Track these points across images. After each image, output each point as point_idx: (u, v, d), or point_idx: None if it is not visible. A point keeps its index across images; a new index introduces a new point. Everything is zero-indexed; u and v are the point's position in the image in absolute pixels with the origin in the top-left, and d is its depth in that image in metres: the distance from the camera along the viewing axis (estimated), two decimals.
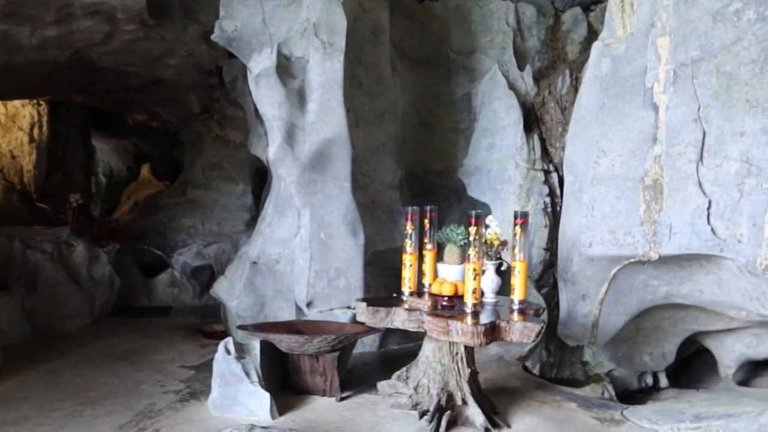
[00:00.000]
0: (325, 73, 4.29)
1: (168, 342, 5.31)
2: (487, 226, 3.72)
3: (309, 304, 4.55)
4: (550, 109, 5.60)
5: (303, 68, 4.34)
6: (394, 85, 5.18)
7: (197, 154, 8.39)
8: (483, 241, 3.52)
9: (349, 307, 4.50)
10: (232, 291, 5.23)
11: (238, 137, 7.90)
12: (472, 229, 3.39)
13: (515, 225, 3.52)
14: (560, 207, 5.15)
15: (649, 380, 4.88)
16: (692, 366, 5.25)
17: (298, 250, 4.54)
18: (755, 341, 4.52)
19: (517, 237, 3.50)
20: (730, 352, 4.66)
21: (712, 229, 3.36)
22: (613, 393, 4.44)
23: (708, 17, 3.43)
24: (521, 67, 5.98)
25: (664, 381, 4.87)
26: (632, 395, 4.73)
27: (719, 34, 3.38)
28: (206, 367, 4.19)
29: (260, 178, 7.68)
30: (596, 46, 4.04)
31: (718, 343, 4.69)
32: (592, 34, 6.28)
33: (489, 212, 5.44)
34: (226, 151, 8.12)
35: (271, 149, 4.36)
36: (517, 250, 3.51)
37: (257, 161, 7.04)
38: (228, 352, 3.59)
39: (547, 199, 5.11)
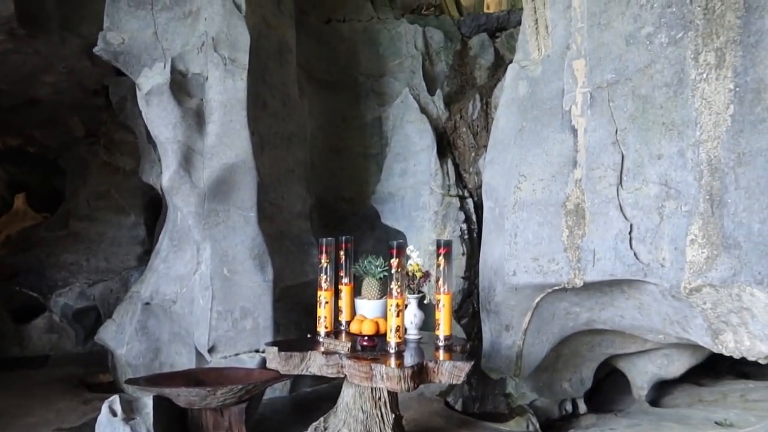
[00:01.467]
0: (226, 91, 3.88)
1: (43, 399, 4.58)
2: (407, 257, 3.47)
3: (211, 350, 4.05)
4: (462, 134, 5.51)
5: (201, 86, 3.91)
6: (302, 107, 4.86)
7: (81, 182, 7.56)
8: (405, 273, 3.26)
9: (257, 351, 4.06)
10: (121, 336, 4.61)
11: (129, 164, 7.20)
12: (394, 261, 3.12)
13: (438, 255, 3.29)
14: (477, 234, 5.03)
15: (569, 407, 4.80)
16: (604, 388, 5.25)
17: (198, 289, 4.06)
18: (666, 361, 4.57)
19: (441, 268, 3.27)
20: (642, 373, 4.68)
21: (635, 254, 3.29)
22: (538, 425, 4.29)
23: (621, 40, 3.41)
24: (431, 92, 5.87)
25: (582, 407, 4.82)
26: (554, 424, 4.62)
27: (633, 58, 3.37)
28: (89, 429, 3.59)
29: (154, 208, 7.03)
30: (512, 69, 3.95)
31: (631, 365, 4.70)
32: (500, 60, 6.33)
33: (404, 240, 5.21)
34: (114, 179, 7.37)
35: (165, 176, 3.87)
36: (441, 282, 3.28)
37: (151, 190, 6.44)
38: (113, 413, 3.06)
39: (464, 226, 4.96)
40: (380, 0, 6.74)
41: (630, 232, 3.34)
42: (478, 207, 5.08)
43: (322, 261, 3.43)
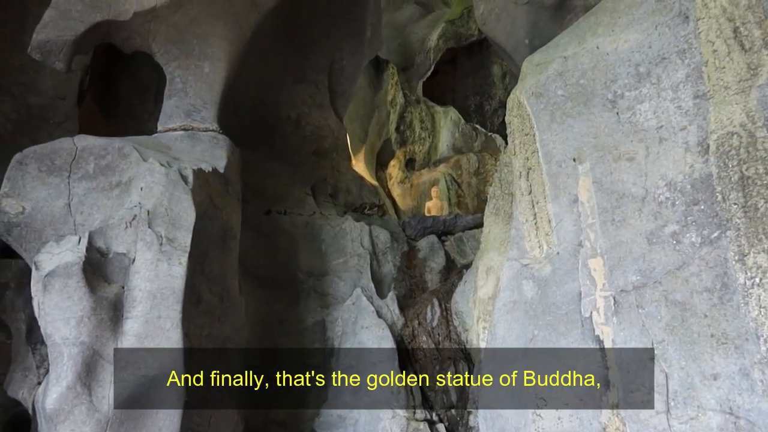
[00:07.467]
0: (158, 278, 2.95)
1: None
2: None
3: None
4: (423, 344, 4.74)
5: (125, 270, 2.96)
6: (241, 306, 3.97)
7: None
8: None
9: None
10: None
11: None
12: None
13: None
14: None
15: None
16: None
17: None
18: None
19: None
20: None
21: None
22: None
23: (642, 239, 2.99)
24: (380, 294, 5.21)
25: None
26: None
27: (659, 258, 2.92)
28: None
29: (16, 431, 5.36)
30: (510, 267, 3.39)
31: None
32: (450, 264, 5.90)
33: None
34: None
35: (53, 393, 2.68)
36: None
37: (15, 406, 4.91)
38: None
39: None
40: (322, 195, 6.38)
41: None
42: None
43: None
